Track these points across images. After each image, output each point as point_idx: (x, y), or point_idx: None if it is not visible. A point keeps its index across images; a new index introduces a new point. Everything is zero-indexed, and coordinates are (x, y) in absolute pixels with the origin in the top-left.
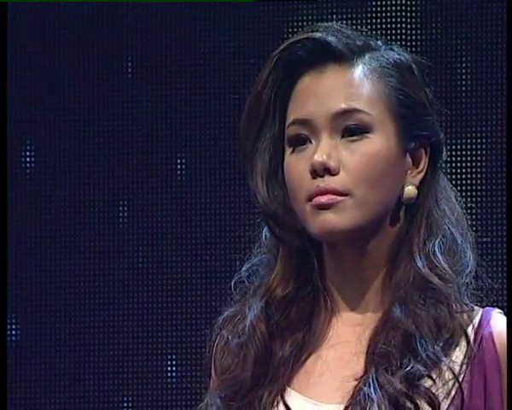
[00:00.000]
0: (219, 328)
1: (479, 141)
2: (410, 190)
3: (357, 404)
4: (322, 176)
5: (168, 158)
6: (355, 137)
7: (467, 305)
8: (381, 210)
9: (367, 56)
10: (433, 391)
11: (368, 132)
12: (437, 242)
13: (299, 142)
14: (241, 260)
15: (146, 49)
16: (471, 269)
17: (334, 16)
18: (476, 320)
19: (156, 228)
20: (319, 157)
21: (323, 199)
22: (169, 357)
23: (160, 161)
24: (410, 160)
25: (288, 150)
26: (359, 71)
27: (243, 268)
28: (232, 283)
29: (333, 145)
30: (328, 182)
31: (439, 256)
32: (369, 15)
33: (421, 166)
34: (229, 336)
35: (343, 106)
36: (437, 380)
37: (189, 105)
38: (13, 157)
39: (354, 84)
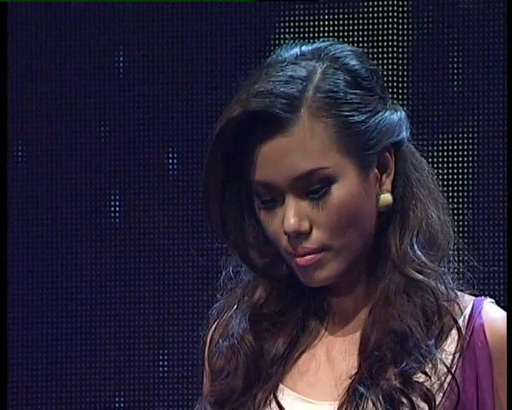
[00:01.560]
0: (212, 321)
1: (472, 136)
2: (386, 198)
3: (352, 401)
4: (297, 239)
5: (160, 153)
6: (320, 193)
7: (455, 294)
8: (362, 240)
9: (308, 100)
10: (428, 386)
11: (331, 184)
12: (414, 233)
13: (266, 201)
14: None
15: (138, 44)
16: (452, 251)
17: (331, 16)
18: (467, 311)
19: (148, 224)
20: (289, 223)
21: (303, 261)
22: (161, 352)
23: (151, 155)
24: (376, 171)
25: (257, 200)
26: (304, 125)
27: (233, 264)
28: (221, 279)
29: (300, 206)
30: (304, 244)
31: (418, 250)
32: (362, 15)
33: (390, 169)
34: (220, 340)
35: (301, 170)
36: (431, 374)
37: (181, 100)
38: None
39: (304, 142)
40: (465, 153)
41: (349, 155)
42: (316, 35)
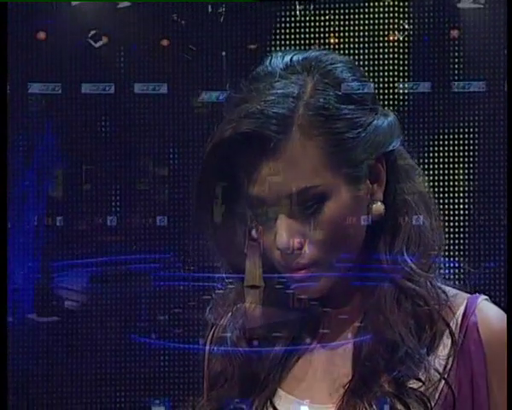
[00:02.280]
0: (210, 326)
1: (473, 133)
2: (378, 207)
3: (347, 407)
4: (290, 254)
5: (160, 149)
6: (312, 210)
7: (446, 296)
8: (354, 251)
9: (300, 118)
10: (422, 390)
11: (323, 201)
12: (404, 241)
13: (260, 215)
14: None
15: (138, 44)
16: (442, 253)
17: (331, 16)
18: (460, 311)
19: (148, 219)
20: (282, 240)
21: (297, 276)
22: (161, 347)
23: (151, 151)
24: (368, 182)
25: (250, 214)
26: (296, 144)
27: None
28: (218, 280)
29: (292, 222)
30: (296, 260)
31: (407, 258)
32: (361, 12)
33: (381, 178)
34: (216, 347)
35: (293, 189)
36: (425, 380)
37: (181, 100)
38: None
39: (295, 162)
40: (466, 148)
41: (340, 170)
42: (316, 32)
